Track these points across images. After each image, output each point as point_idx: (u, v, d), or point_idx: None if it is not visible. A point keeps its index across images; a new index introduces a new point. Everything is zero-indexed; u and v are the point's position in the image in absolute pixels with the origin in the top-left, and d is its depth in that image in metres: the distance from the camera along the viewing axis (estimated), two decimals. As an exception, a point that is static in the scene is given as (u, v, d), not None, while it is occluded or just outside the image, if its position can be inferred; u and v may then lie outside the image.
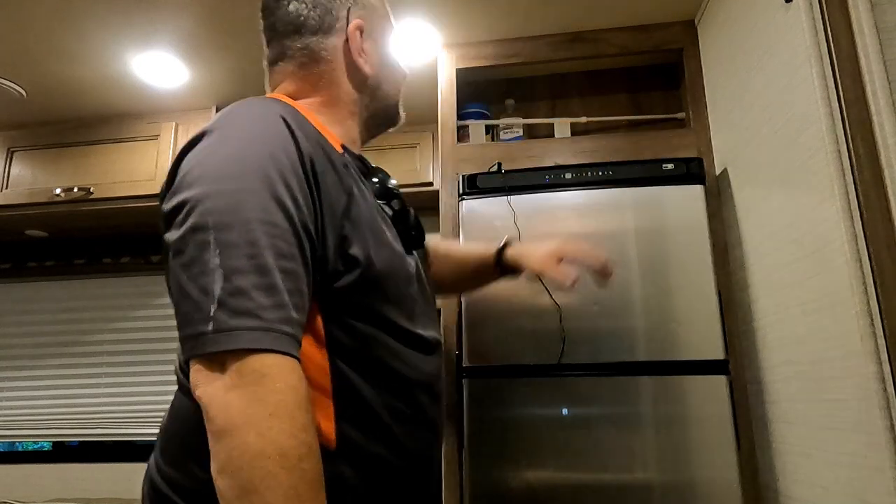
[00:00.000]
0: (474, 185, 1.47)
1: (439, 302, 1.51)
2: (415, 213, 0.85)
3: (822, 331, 1.03)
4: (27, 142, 2.11)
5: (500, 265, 1.03)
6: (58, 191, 2.00)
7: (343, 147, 0.77)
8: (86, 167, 2.05)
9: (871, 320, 0.90)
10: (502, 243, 1.04)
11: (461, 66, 1.68)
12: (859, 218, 0.93)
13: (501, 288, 1.14)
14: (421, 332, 0.75)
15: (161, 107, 2.00)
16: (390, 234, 0.74)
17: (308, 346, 0.63)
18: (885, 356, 0.88)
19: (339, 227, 0.67)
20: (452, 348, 1.42)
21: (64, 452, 2.29)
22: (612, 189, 1.42)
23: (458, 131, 1.65)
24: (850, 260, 0.93)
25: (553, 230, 1.41)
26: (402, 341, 0.72)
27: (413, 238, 0.82)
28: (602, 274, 0.97)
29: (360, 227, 0.69)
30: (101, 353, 2.34)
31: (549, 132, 1.74)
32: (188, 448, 0.66)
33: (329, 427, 0.64)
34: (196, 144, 0.65)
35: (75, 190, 1.99)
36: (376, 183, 0.80)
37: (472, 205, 1.46)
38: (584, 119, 1.69)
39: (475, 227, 1.45)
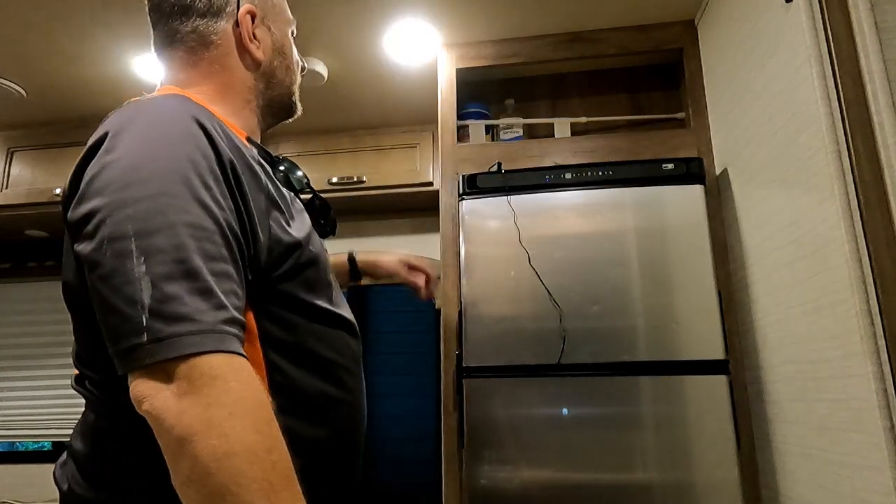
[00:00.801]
0: (474, 185, 1.47)
1: (438, 302, 1.51)
2: (323, 201, 0.85)
3: (822, 331, 1.03)
4: (27, 142, 2.11)
5: (355, 272, 1.16)
6: (58, 191, 2.00)
7: (248, 139, 0.76)
8: (86, 167, 2.04)
9: (871, 320, 0.90)
10: (348, 254, 1.17)
11: (461, 66, 1.68)
12: (859, 218, 0.93)
13: (501, 288, 1.14)
14: (345, 314, 0.77)
15: (161, 107, 2.00)
16: (308, 223, 0.76)
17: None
18: (885, 356, 0.88)
19: (267, 227, 0.66)
20: (452, 348, 1.42)
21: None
22: (612, 189, 1.42)
23: (458, 131, 1.65)
24: (850, 260, 0.93)
25: (553, 230, 1.41)
26: (330, 325, 0.73)
27: (323, 227, 0.83)
28: (426, 288, 1.15)
29: (285, 223, 0.69)
30: (101, 353, 2.34)
31: (549, 132, 1.74)
32: (111, 467, 0.64)
33: None
34: (100, 147, 0.61)
35: (75, 190, 1.99)
36: (281, 172, 0.79)
37: (472, 205, 1.46)
38: (584, 119, 1.69)
39: (475, 226, 1.45)
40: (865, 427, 0.91)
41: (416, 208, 2.19)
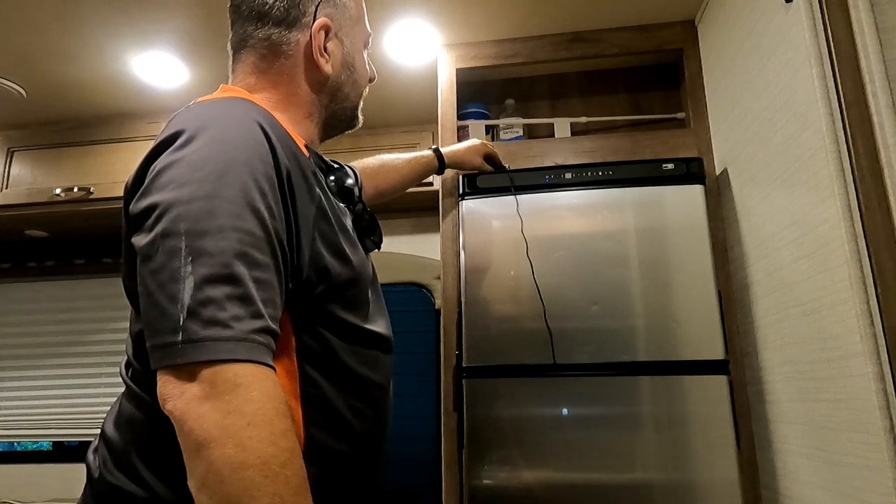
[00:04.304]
0: (474, 185, 1.47)
1: (438, 302, 1.51)
2: (372, 215, 0.84)
3: (822, 331, 1.03)
4: (27, 142, 2.11)
5: (442, 166, 1.41)
6: (58, 191, 2.00)
7: (306, 147, 0.76)
8: (86, 167, 2.05)
9: (871, 320, 0.90)
10: (432, 149, 1.41)
11: (461, 66, 1.68)
12: (859, 218, 0.93)
13: (500, 288, 1.14)
14: (380, 331, 0.77)
15: (161, 107, 2.00)
16: (354, 238, 0.75)
17: (278, 353, 0.62)
18: (885, 356, 0.88)
19: (312, 238, 0.67)
20: (452, 348, 1.42)
21: (64, 452, 2.29)
22: (612, 189, 1.41)
23: (458, 131, 1.65)
24: (850, 260, 0.93)
25: (553, 230, 1.41)
26: (365, 344, 0.73)
27: (372, 241, 0.83)
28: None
29: (330, 237, 0.69)
30: (101, 353, 2.34)
31: (549, 132, 1.73)
32: (144, 461, 0.65)
33: (297, 431, 0.64)
34: (170, 144, 0.63)
35: (75, 190, 1.99)
36: (332, 182, 0.79)
37: (472, 205, 1.46)
38: (584, 119, 1.69)
39: (476, 226, 1.45)
40: (865, 427, 0.91)
41: (416, 208, 2.19)
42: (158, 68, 1.77)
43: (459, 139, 1.65)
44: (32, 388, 2.34)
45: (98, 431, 0.73)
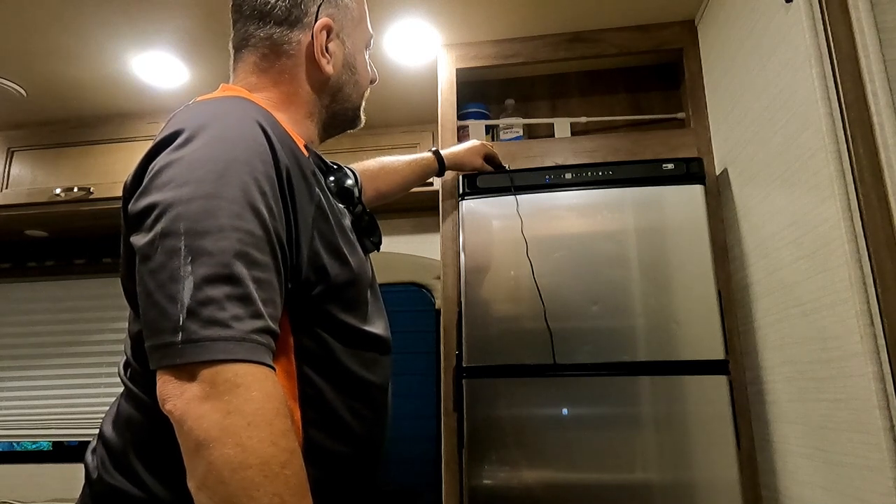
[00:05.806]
0: (474, 185, 1.47)
1: (438, 302, 1.51)
2: (371, 216, 0.84)
3: (821, 331, 1.03)
4: (27, 142, 2.11)
5: (442, 167, 1.41)
6: (58, 191, 2.00)
7: (306, 147, 0.76)
8: (86, 167, 2.05)
9: (871, 320, 0.90)
10: (432, 151, 1.41)
11: (461, 66, 1.68)
12: (859, 218, 0.93)
13: (500, 288, 1.15)
14: (379, 332, 0.77)
15: (161, 107, 2.00)
16: (353, 239, 0.75)
17: (277, 354, 0.62)
18: (884, 356, 0.88)
19: (311, 238, 0.66)
20: (452, 348, 1.42)
21: (64, 452, 2.30)
22: (612, 189, 1.41)
23: (458, 131, 1.65)
24: (850, 260, 0.93)
25: (553, 230, 1.41)
26: (363, 346, 0.73)
27: (371, 242, 0.83)
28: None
29: (329, 237, 0.69)
30: (101, 353, 2.34)
31: (549, 132, 1.73)
32: (144, 462, 0.65)
33: (296, 432, 0.64)
34: (169, 143, 0.62)
35: (75, 190, 1.99)
36: (332, 182, 0.79)
37: (472, 205, 1.46)
38: (584, 119, 1.69)
39: (476, 226, 1.44)
40: (865, 427, 0.91)
41: (417, 208, 2.19)
42: (158, 68, 1.77)
43: (459, 139, 1.65)
44: (32, 388, 2.34)
45: (97, 431, 0.73)
